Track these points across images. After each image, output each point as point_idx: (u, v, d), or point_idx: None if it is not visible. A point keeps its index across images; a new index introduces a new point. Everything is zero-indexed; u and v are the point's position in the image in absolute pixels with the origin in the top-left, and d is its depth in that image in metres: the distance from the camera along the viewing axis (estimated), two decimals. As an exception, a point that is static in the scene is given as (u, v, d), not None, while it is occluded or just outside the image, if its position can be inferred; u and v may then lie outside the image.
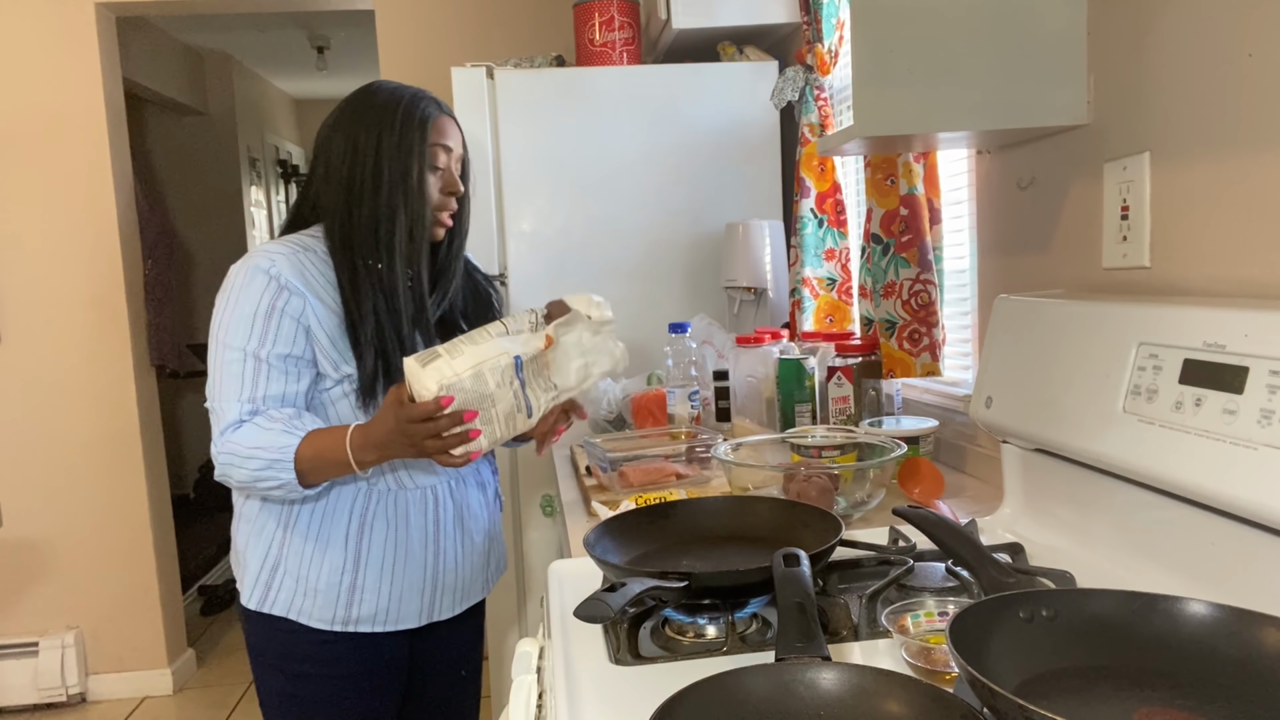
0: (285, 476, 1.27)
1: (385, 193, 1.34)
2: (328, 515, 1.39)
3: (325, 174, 1.38)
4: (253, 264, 1.33)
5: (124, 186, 3.21)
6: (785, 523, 1.15)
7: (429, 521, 1.44)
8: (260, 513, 1.40)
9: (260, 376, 1.31)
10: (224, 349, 1.32)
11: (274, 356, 1.31)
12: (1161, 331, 0.98)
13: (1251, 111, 1.00)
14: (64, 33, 3.05)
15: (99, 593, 3.25)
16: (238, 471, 1.29)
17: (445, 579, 1.47)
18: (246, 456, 1.27)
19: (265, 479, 1.27)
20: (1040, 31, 1.24)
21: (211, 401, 1.33)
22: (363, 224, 1.35)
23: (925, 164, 1.68)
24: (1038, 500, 1.23)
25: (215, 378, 1.32)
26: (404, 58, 3.10)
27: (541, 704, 1.02)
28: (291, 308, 1.32)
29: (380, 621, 1.42)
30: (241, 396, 1.30)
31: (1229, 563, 0.90)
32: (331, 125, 1.40)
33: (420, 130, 1.36)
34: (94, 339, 3.16)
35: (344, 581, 1.39)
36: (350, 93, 1.42)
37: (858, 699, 0.70)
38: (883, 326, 1.73)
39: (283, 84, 5.98)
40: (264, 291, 1.31)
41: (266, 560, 1.39)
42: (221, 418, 1.31)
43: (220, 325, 1.33)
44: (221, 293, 1.34)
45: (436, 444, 1.20)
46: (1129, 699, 0.70)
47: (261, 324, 1.31)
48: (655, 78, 2.43)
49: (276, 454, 1.26)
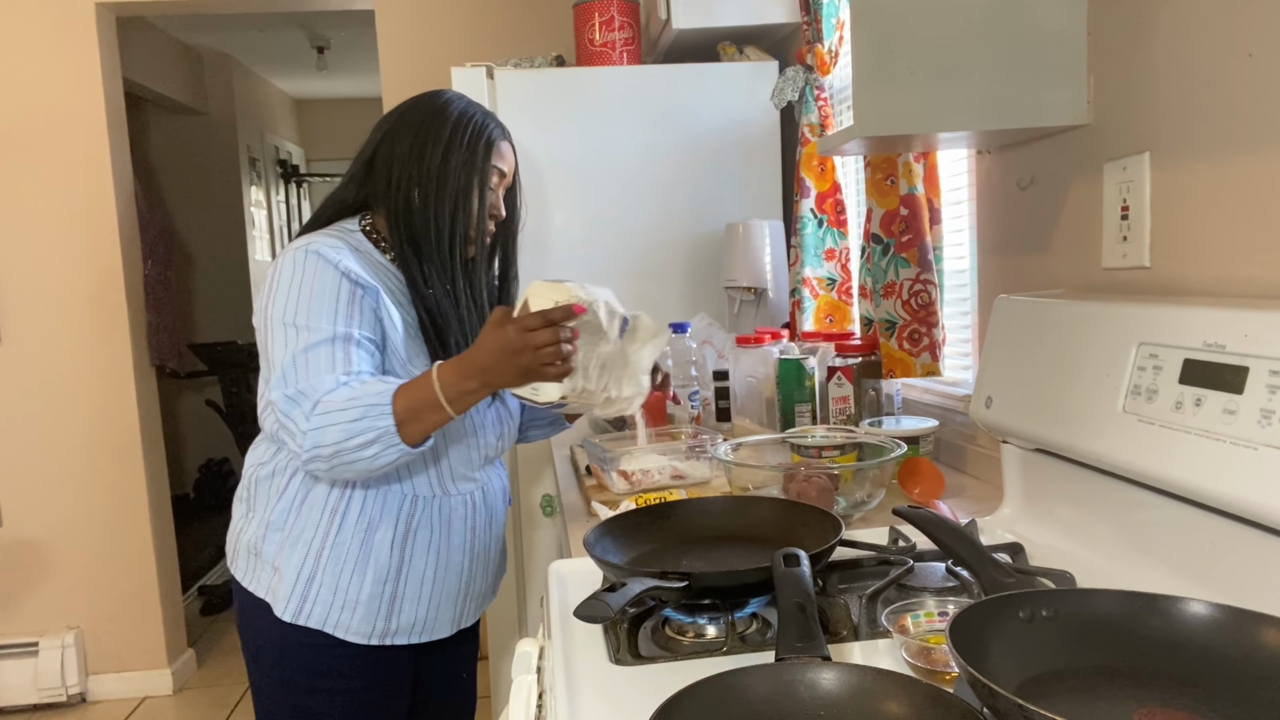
0: (383, 423, 1.19)
1: (449, 203, 1.35)
2: (373, 523, 1.35)
3: (388, 170, 1.37)
4: (318, 253, 1.29)
5: (124, 186, 3.21)
6: (785, 523, 1.15)
7: (468, 529, 1.43)
8: (297, 522, 1.35)
9: (352, 355, 1.26)
10: (306, 332, 1.24)
11: (363, 337, 1.28)
12: (1161, 331, 0.98)
13: (1251, 111, 1.00)
14: (64, 33, 3.05)
15: (99, 593, 3.25)
16: (332, 431, 1.19)
17: (475, 586, 1.47)
18: (340, 410, 1.19)
19: (361, 431, 1.19)
20: (1040, 31, 1.24)
21: (292, 386, 1.22)
22: (426, 228, 1.35)
23: (925, 164, 1.68)
24: (1038, 500, 1.23)
25: (295, 360, 1.23)
26: (404, 58, 3.10)
27: (541, 704, 1.02)
28: (368, 299, 1.30)
29: (417, 633, 1.40)
30: (336, 371, 1.23)
31: (1229, 563, 0.90)
32: (397, 122, 1.39)
33: (485, 151, 1.38)
34: (94, 339, 3.16)
35: (386, 593, 1.36)
36: (419, 95, 1.42)
37: (858, 699, 0.70)
38: (883, 326, 1.73)
39: (283, 84, 5.98)
40: (340, 280, 1.28)
41: (303, 571, 1.34)
42: (314, 393, 1.21)
43: (295, 311, 1.26)
44: (280, 283, 1.28)
45: (550, 351, 1.15)
46: (1129, 699, 0.70)
47: (345, 307, 1.27)
48: (655, 78, 2.43)
49: (373, 399, 1.19)
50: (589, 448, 1.66)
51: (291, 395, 1.22)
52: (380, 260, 1.39)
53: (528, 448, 2.43)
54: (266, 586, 1.36)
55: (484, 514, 1.46)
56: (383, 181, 1.38)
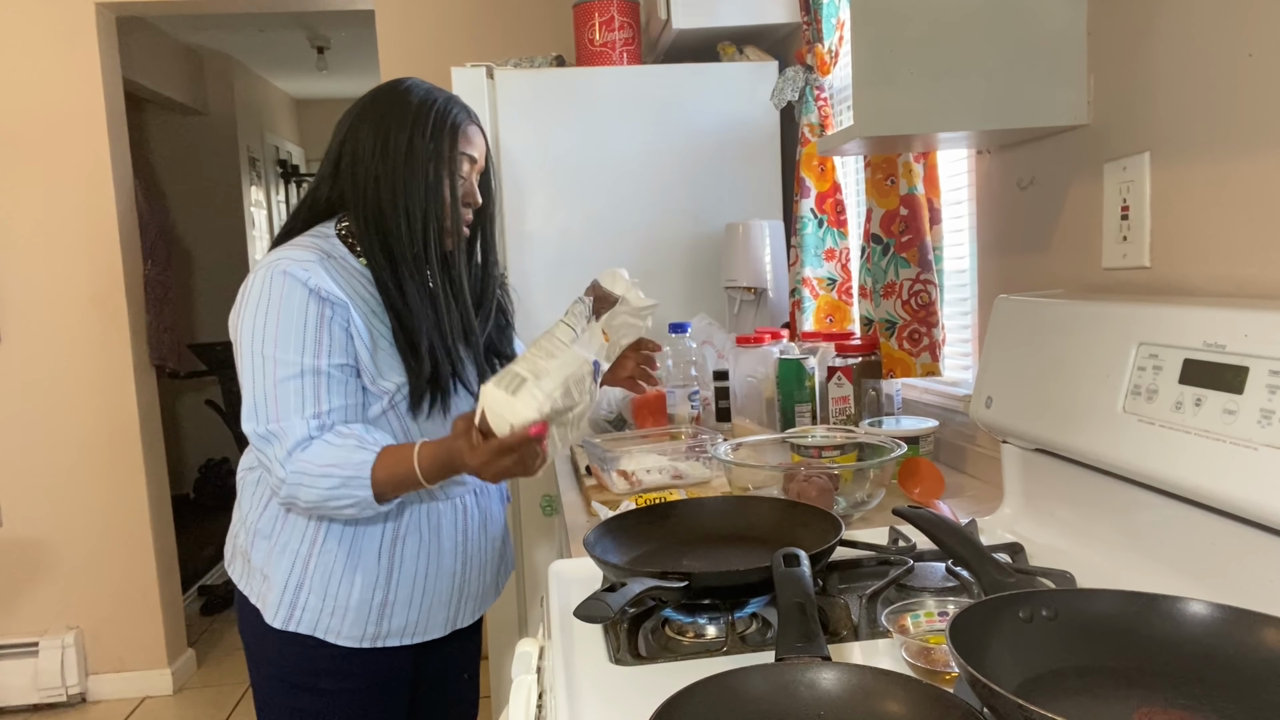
0: (361, 494, 1.21)
1: (419, 197, 1.31)
2: (359, 531, 1.34)
3: (353, 168, 1.33)
4: (286, 273, 1.25)
5: (124, 186, 3.21)
6: (785, 523, 1.15)
7: (459, 532, 1.42)
8: (283, 530, 1.34)
9: (322, 390, 1.24)
10: (274, 364, 1.23)
11: (333, 367, 1.25)
12: (1161, 331, 0.98)
13: (1251, 111, 1.00)
14: (64, 33, 3.05)
15: (99, 593, 3.25)
16: (308, 492, 1.21)
17: (470, 588, 1.46)
18: (319, 475, 1.20)
19: (338, 498, 1.21)
20: (1040, 31, 1.24)
21: (263, 424, 1.23)
22: (398, 226, 1.31)
23: (925, 164, 1.68)
24: (1038, 500, 1.23)
25: (266, 395, 1.23)
26: (404, 58, 3.10)
27: (541, 704, 1.02)
28: (338, 317, 1.26)
29: (409, 634, 1.40)
30: (305, 413, 1.22)
31: (1229, 563, 0.90)
32: (358, 116, 1.35)
33: (451, 138, 1.33)
34: (94, 339, 3.16)
35: (375, 599, 1.35)
36: (378, 86, 1.38)
37: (858, 699, 0.70)
38: (883, 326, 1.73)
39: (283, 84, 5.98)
40: (308, 302, 1.24)
41: (290, 579, 1.34)
42: (285, 437, 1.22)
43: (263, 339, 1.24)
44: (249, 304, 1.26)
45: (521, 469, 1.17)
46: (1129, 699, 0.70)
47: (313, 335, 1.24)
48: (655, 78, 2.43)
49: (352, 470, 1.20)
50: (589, 448, 1.66)
51: (264, 434, 1.24)
52: (355, 266, 1.34)
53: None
54: (258, 593, 1.37)
55: (477, 516, 1.45)
56: (349, 181, 1.33)
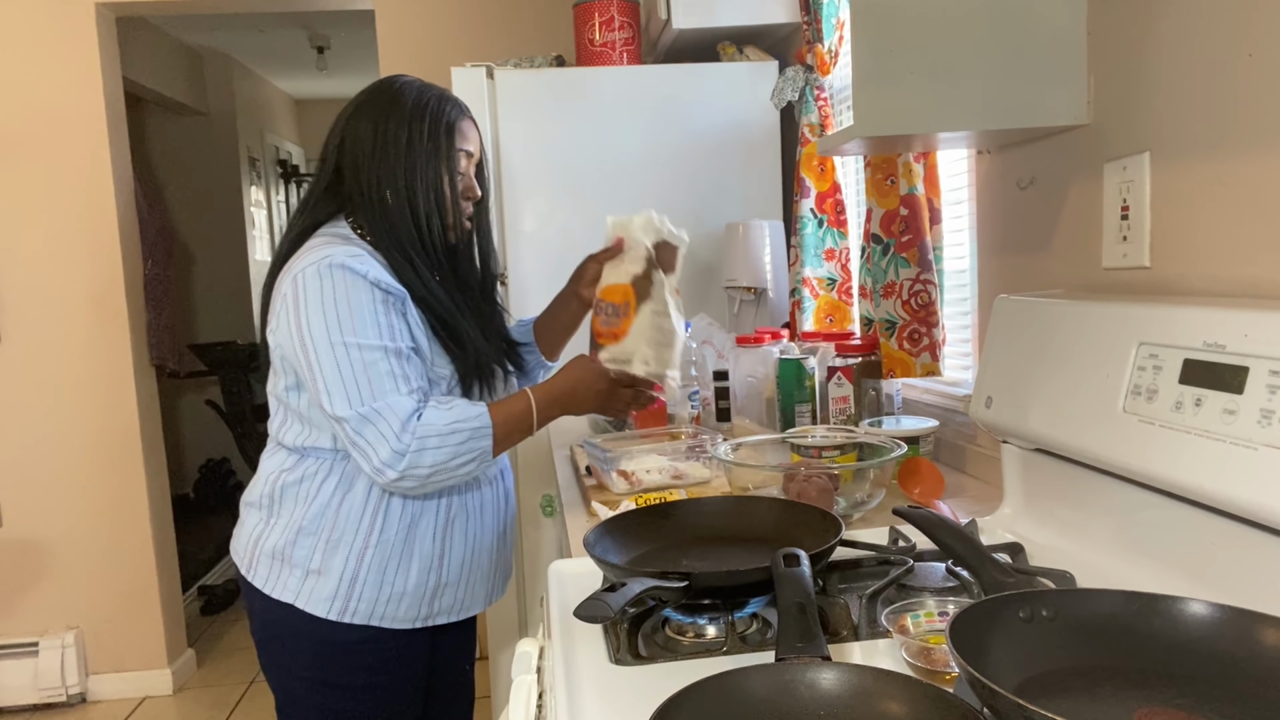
0: (485, 444, 1.30)
1: (422, 195, 1.35)
2: (415, 519, 1.38)
3: (354, 169, 1.36)
4: (344, 266, 1.28)
5: (124, 186, 3.21)
6: (785, 523, 1.15)
7: (495, 510, 1.49)
8: (335, 524, 1.35)
9: (410, 368, 1.30)
10: (358, 350, 1.26)
11: (408, 350, 1.32)
12: (1161, 331, 0.98)
13: (1251, 111, 1.00)
14: (64, 33, 3.05)
15: (99, 593, 3.25)
16: (433, 454, 1.26)
17: (502, 561, 1.54)
18: (446, 434, 1.27)
19: (465, 452, 1.28)
20: (1040, 31, 1.24)
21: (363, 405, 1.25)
22: (405, 225, 1.35)
23: (925, 164, 1.68)
24: (1038, 500, 1.23)
25: (358, 379, 1.26)
26: (404, 58, 3.10)
27: (541, 704, 1.02)
28: (396, 306, 1.32)
29: (457, 612, 1.46)
30: (402, 390, 1.28)
31: (1229, 563, 0.90)
32: (353, 117, 1.37)
33: (448, 135, 1.37)
34: (94, 339, 3.16)
35: (430, 581, 1.40)
36: (370, 86, 1.39)
37: (858, 699, 0.70)
38: (883, 326, 1.73)
39: (283, 84, 5.98)
40: (372, 291, 1.29)
41: (345, 573, 1.35)
42: (392, 413, 1.25)
43: (339, 329, 1.26)
44: (310, 302, 1.27)
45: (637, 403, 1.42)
46: (1129, 699, 0.70)
47: (385, 320, 1.29)
48: (655, 78, 2.43)
49: (476, 422, 1.29)
50: (589, 448, 1.66)
51: (365, 414, 1.26)
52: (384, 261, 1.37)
53: (528, 449, 2.43)
54: (297, 591, 1.36)
55: (503, 492, 1.53)
56: (351, 183, 1.37)
